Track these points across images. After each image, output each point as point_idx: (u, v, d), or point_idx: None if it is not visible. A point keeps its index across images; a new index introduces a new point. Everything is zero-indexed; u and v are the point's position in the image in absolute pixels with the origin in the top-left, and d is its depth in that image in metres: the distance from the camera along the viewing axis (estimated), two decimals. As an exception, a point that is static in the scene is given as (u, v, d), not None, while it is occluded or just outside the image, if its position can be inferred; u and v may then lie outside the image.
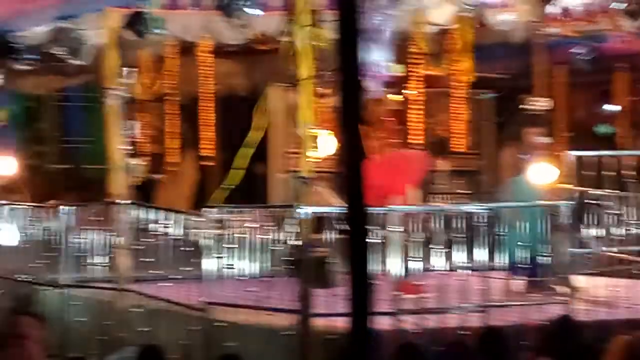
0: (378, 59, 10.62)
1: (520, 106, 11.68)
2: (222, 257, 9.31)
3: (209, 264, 9.34)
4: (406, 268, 8.81)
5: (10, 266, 12.00)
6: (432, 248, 8.90)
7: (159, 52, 14.07)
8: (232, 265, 9.30)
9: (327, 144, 14.32)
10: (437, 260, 8.82)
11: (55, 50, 11.32)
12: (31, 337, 8.88)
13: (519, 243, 9.51)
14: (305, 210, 8.24)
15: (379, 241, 8.46)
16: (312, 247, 8.19)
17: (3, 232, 12.36)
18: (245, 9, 9.66)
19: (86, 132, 21.46)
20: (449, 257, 8.96)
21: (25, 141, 20.66)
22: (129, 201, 10.99)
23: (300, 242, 8.21)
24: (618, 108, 16.61)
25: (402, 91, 14.57)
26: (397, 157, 10.58)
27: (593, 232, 10.32)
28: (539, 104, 11.68)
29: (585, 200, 10.50)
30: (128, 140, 11.27)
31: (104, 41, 11.19)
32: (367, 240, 3.18)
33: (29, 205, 12.95)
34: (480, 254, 9.14)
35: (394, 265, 8.63)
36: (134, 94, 14.58)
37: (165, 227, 10.25)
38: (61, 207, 11.78)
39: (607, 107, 17.02)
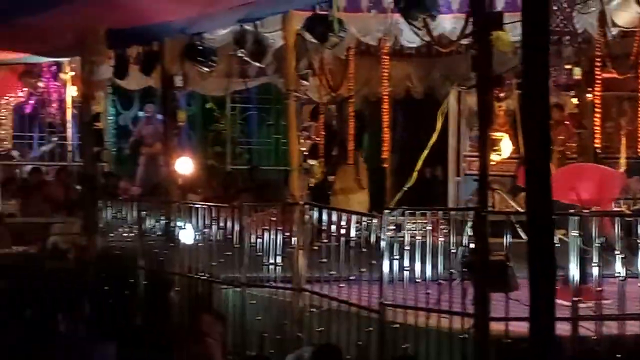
0: (560, 62, 10.57)
1: None
2: (398, 259, 9.44)
3: (386, 266, 9.48)
4: (585, 274, 8.77)
5: (191, 264, 12.38)
6: (612, 253, 8.81)
7: (339, 54, 14.28)
8: (409, 267, 9.42)
9: (504, 147, 14.34)
10: (617, 266, 8.73)
11: (238, 52, 11.69)
12: (212, 335, 9.26)
13: None
14: (483, 213, 8.28)
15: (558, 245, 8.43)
16: (490, 251, 8.24)
17: (184, 231, 12.78)
18: (425, 11, 9.75)
19: (264, 134, 22.01)
20: (629, 262, 8.86)
21: (204, 142, 21.33)
22: (306, 202, 11.24)
23: (477, 245, 8.26)
24: None
25: (582, 95, 14.39)
26: (606, 175, 10.47)
27: None
28: None
29: None
30: (306, 142, 11.54)
31: (285, 44, 11.47)
32: (552, 244, 3.25)
33: (207, 205, 13.37)
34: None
35: (573, 270, 8.59)
36: (313, 96, 14.92)
37: (341, 228, 10.43)
38: (239, 207, 12.15)
39: None
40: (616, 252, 8.68)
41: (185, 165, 14.72)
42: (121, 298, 13.04)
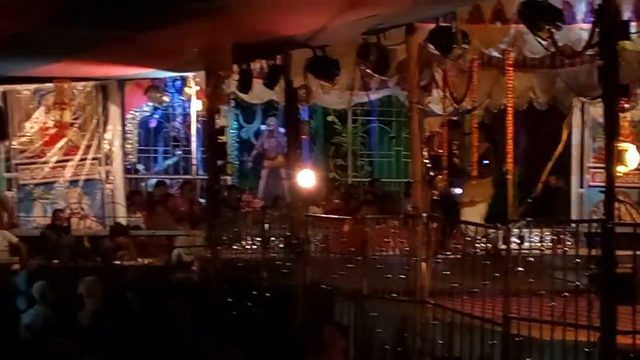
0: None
1: None
2: (523, 271, 9.45)
3: (510, 278, 9.50)
4: None
5: (313, 276, 12.56)
6: None
7: (462, 66, 14.33)
8: (532, 279, 9.43)
9: (630, 159, 14.21)
10: None
11: (361, 65, 11.85)
12: (334, 347, 9.39)
13: None
14: (610, 225, 8.27)
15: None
16: (617, 263, 8.22)
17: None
18: (550, 22, 9.77)
19: (385, 146, 22.14)
20: None
21: (325, 154, 21.58)
22: (429, 214, 11.32)
23: (604, 258, 8.25)
24: None
25: None
26: None
27: None
28: None
29: None
30: (429, 154, 11.61)
31: (408, 56, 11.57)
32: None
33: (328, 217, 13.55)
34: None
35: None
36: (436, 108, 15.00)
37: (465, 240, 10.47)
38: (361, 219, 12.30)
39: None
40: None
41: (306, 178, 14.92)
42: (244, 310, 13.28)
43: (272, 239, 13.90)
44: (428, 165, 11.56)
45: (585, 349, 8.45)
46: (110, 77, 18.04)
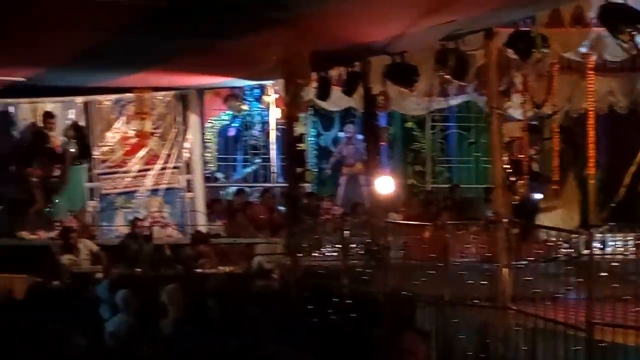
0: None
1: None
2: (606, 277, 9.39)
3: (591, 283, 9.44)
4: None
5: (394, 282, 12.58)
6: None
7: (541, 70, 14.25)
8: (616, 284, 9.36)
9: None
10: None
11: (439, 71, 11.85)
12: (416, 354, 9.43)
13: None
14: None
15: None
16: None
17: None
18: (632, 24, 9.70)
19: (464, 152, 22.09)
20: None
21: (404, 161, 21.59)
22: (510, 219, 11.28)
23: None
24: None
25: None
26: None
27: None
28: None
29: None
30: (509, 159, 11.56)
31: (486, 61, 11.56)
32: None
33: (408, 224, 13.57)
34: None
35: None
36: (516, 114, 14.94)
37: (547, 245, 10.42)
38: (442, 225, 12.31)
39: None
40: None
41: (385, 185, 14.94)
42: (325, 317, 13.34)
43: (352, 245, 13.95)
44: (508, 170, 11.51)
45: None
46: (189, 86, 18.24)
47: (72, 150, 17.65)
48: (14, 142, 18.11)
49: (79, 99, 18.23)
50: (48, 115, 17.74)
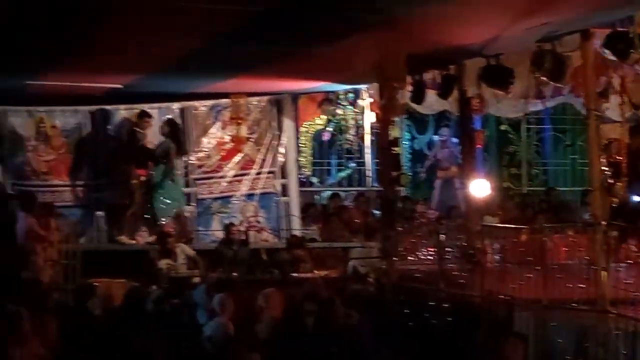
0: None
1: None
2: None
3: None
4: None
5: (491, 286, 12.51)
6: None
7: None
8: None
9: None
10: None
11: (535, 73, 11.76)
12: (514, 357, 9.38)
13: None
14: None
15: None
16: None
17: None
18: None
19: (559, 154, 21.85)
20: None
21: (499, 164, 21.43)
22: (609, 222, 11.14)
23: None
24: None
25: None
26: None
27: None
28: None
29: None
30: (608, 161, 11.42)
31: (583, 62, 11.44)
32: None
33: (504, 227, 13.47)
34: None
35: None
36: (613, 115, 14.73)
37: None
38: (539, 228, 12.20)
39: None
40: None
41: (481, 188, 14.86)
42: (422, 321, 13.31)
43: (448, 249, 13.89)
44: (607, 172, 11.37)
45: None
46: (284, 91, 18.36)
47: (172, 146, 17.76)
48: (111, 146, 18.37)
49: (175, 105, 18.44)
50: (144, 115, 17.91)
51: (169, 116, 18.29)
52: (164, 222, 17.61)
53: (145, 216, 17.72)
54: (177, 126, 18.16)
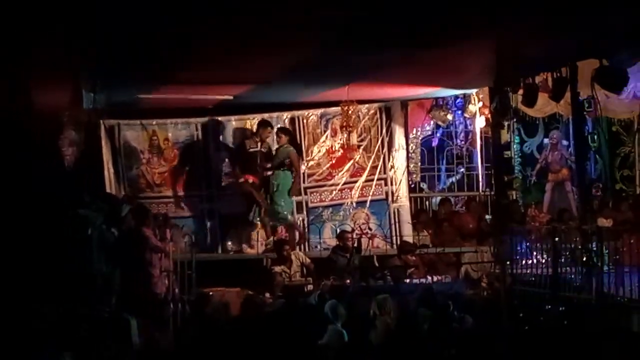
0: None
1: None
2: None
3: None
4: None
5: (607, 289, 12.32)
6: None
7: None
8: None
9: None
10: None
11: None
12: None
13: None
14: None
15: None
16: None
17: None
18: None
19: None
20: None
21: (611, 166, 21.07)
22: None
23: None
24: None
25: None
26: None
27: None
28: None
29: None
30: None
31: None
32: None
33: (619, 229, 13.26)
34: None
35: None
36: None
37: None
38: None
39: None
40: None
41: (593, 190, 14.65)
42: (537, 325, 13.16)
43: (562, 252, 13.72)
44: None
45: None
46: (394, 98, 18.33)
47: (292, 150, 17.80)
48: (223, 157, 18.53)
49: (286, 114, 18.52)
50: (265, 124, 17.97)
51: (280, 125, 18.37)
52: (277, 231, 17.73)
53: (259, 222, 17.82)
54: (292, 133, 18.22)
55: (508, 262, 14.44)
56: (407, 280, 15.93)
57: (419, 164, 20.50)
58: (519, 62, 12.12)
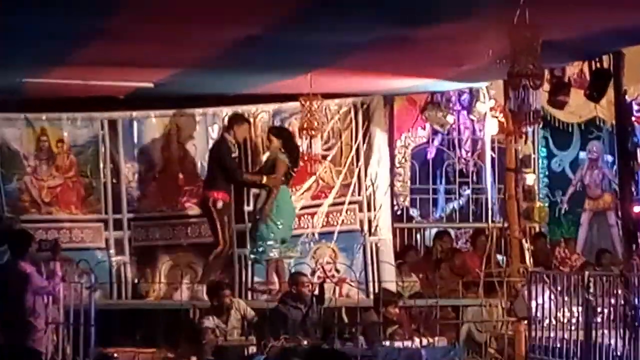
0: None
1: None
2: None
3: None
4: None
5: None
6: None
7: None
8: None
9: None
10: None
11: None
12: None
13: None
14: None
15: None
16: None
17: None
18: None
19: None
20: None
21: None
22: None
23: None
24: None
25: None
26: None
27: None
28: None
29: None
30: None
31: None
32: None
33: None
34: None
35: None
36: None
37: None
38: None
39: None
40: None
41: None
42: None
43: (598, 309, 13.79)
44: None
45: None
46: (374, 91, 18.36)
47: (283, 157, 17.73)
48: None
49: (225, 111, 18.49)
50: (235, 119, 17.99)
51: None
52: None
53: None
54: (289, 134, 18.03)
55: (526, 322, 14.51)
56: (387, 343, 15.94)
57: (408, 182, 20.59)
58: (544, 49, 12.13)
